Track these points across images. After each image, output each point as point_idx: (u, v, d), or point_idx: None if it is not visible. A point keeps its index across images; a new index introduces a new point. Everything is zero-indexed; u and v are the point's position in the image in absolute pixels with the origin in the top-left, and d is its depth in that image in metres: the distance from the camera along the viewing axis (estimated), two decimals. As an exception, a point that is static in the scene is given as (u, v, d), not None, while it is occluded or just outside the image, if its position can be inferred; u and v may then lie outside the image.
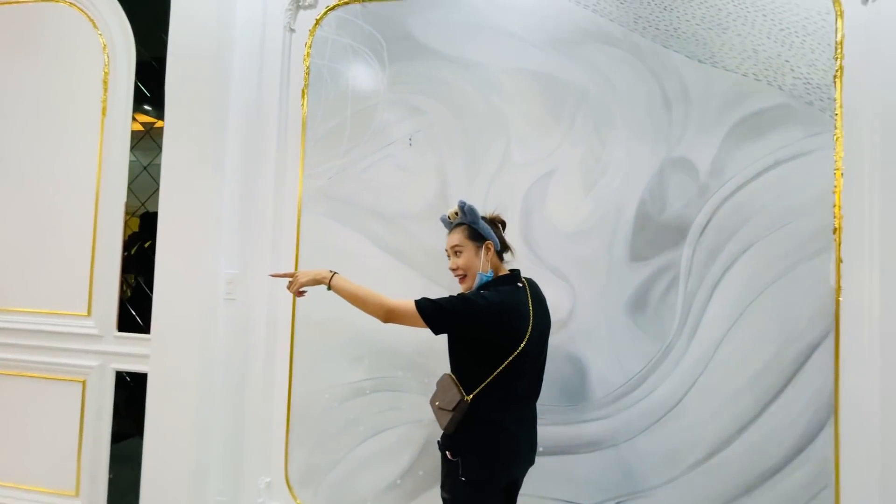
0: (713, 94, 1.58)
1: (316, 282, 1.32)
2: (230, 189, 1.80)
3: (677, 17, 1.62)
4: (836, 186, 1.51)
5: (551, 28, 1.69)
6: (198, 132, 1.73)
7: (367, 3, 1.80)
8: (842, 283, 1.50)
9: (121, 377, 1.90)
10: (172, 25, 1.75)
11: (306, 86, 1.84)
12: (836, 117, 1.52)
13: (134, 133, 1.94)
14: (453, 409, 1.19)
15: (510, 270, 1.32)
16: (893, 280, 1.45)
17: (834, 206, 1.51)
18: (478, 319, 1.18)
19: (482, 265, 1.27)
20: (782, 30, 1.56)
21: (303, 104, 1.84)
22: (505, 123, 1.70)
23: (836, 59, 1.52)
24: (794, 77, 1.55)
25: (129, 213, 1.93)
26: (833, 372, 1.49)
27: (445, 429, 1.22)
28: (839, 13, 1.52)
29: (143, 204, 1.93)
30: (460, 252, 1.29)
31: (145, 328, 1.85)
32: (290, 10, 1.84)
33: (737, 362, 1.54)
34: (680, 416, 1.56)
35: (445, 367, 1.71)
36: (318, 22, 1.84)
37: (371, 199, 1.78)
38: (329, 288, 1.30)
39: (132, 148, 1.93)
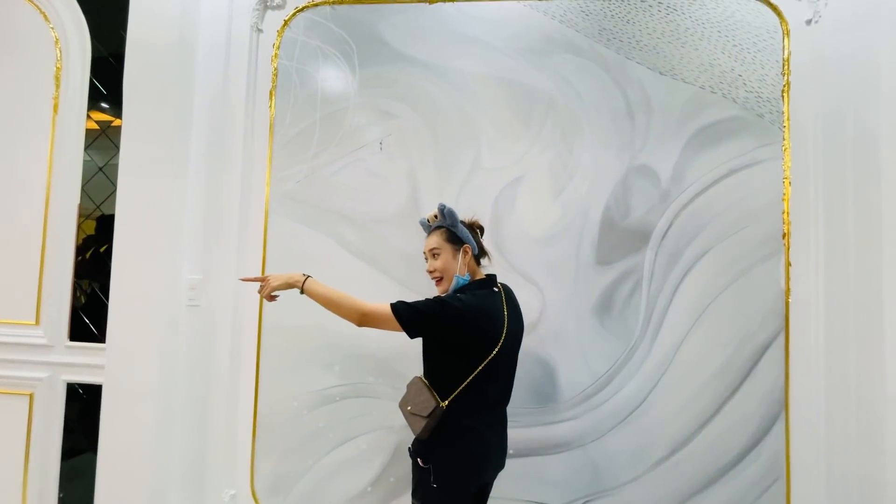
0: (673, 104, 1.66)
1: (288, 285, 1.30)
2: (193, 191, 1.74)
3: (639, 30, 1.68)
4: (784, 194, 1.61)
5: (520, 37, 1.72)
6: (158, 131, 1.66)
7: (336, 6, 1.79)
8: (791, 286, 1.59)
9: (72, 389, 1.79)
10: (131, 21, 1.67)
11: (274, 87, 1.81)
12: (784, 129, 1.62)
13: (89, 132, 1.85)
14: (428, 416, 1.18)
15: (486, 275, 1.33)
16: (836, 282, 1.56)
17: (783, 212, 1.61)
18: (454, 322, 1.19)
19: (459, 268, 1.28)
20: (735, 46, 1.65)
21: (270, 105, 1.81)
22: (475, 129, 1.72)
23: (784, 74, 1.62)
24: (746, 91, 1.64)
25: (83, 215, 1.83)
26: (783, 369, 1.58)
27: (419, 435, 1.21)
28: (786, 32, 1.62)
29: (98, 206, 1.84)
30: (438, 254, 1.29)
31: (100, 337, 1.76)
32: (258, 9, 1.80)
33: (697, 362, 1.61)
34: (644, 414, 1.61)
35: (417, 372, 1.71)
36: (286, 23, 1.81)
37: (341, 204, 1.76)
38: (302, 292, 1.28)
39: (87, 147, 1.84)
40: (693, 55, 1.66)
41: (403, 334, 1.20)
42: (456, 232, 1.30)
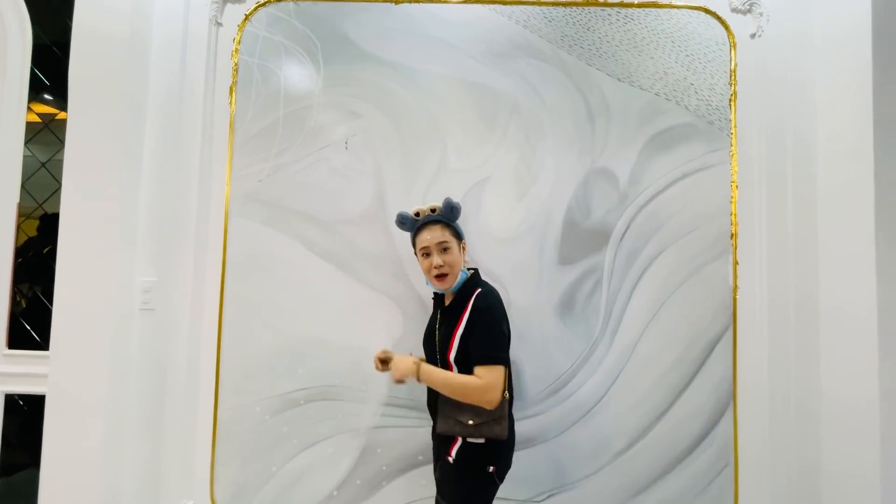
0: (631, 110, 1.73)
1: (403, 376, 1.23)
2: (147, 189, 1.66)
3: (599, 37, 1.74)
4: (732, 197, 1.71)
5: (486, 40, 1.75)
6: (108, 126, 1.57)
7: (300, 3, 1.75)
8: (738, 283, 1.69)
9: (11, 401, 1.67)
10: (78, 6, 1.58)
11: (234, 83, 1.75)
12: (731, 136, 1.71)
13: (30, 125, 1.73)
14: (502, 415, 1.21)
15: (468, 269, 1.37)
16: (778, 279, 1.67)
17: (731, 214, 1.70)
18: (508, 325, 1.28)
19: (461, 263, 1.31)
20: (687, 56, 1.73)
21: (231, 102, 1.75)
22: (441, 130, 1.73)
23: (731, 84, 1.73)
24: (697, 99, 1.73)
25: (23, 215, 1.71)
26: (732, 362, 1.68)
27: (500, 435, 1.20)
28: (733, 44, 1.73)
29: (40, 205, 1.73)
30: (448, 249, 1.28)
31: (43, 345, 1.65)
32: (217, 2, 1.74)
33: (653, 356, 1.68)
34: (604, 409, 1.67)
35: (378, 374, 1.70)
36: (247, 17, 1.76)
37: (305, 204, 1.73)
38: (419, 380, 1.23)
39: (27, 142, 1.72)
40: (649, 63, 1.74)
41: (368, 336, 1.23)
42: (457, 228, 1.32)
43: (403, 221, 1.33)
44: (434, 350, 1.32)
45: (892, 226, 1.44)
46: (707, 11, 1.74)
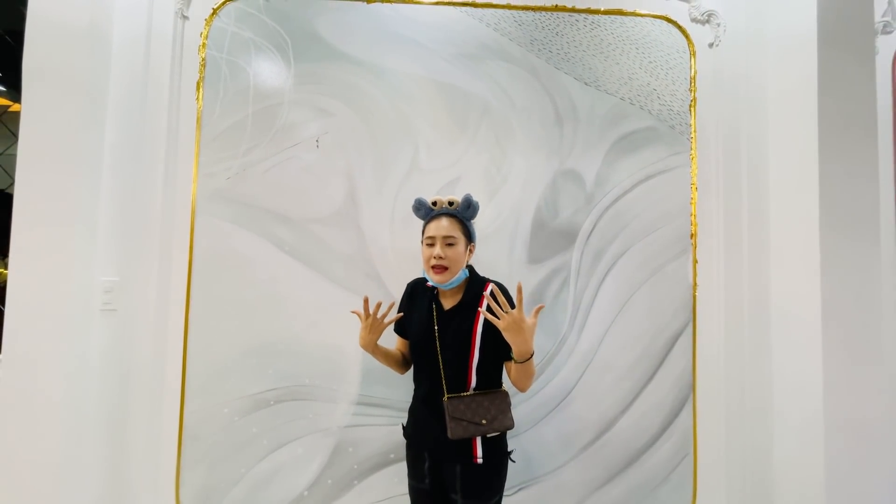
0: (597, 113, 1.78)
1: (527, 348, 1.18)
2: (109, 186, 1.61)
3: (567, 42, 1.79)
4: (692, 198, 1.78)
5: (457, 42, 1.77)
6: (66, 119, 1.51)
7: (270, -2, 1.73)
8: (697, 281, 1.77)
9: (-41, 407, 1.59)
10: (32, -3, 1.51)
11: (202, 78, 1.72)
12: (691, 140, 1.79)
13: (-20, 118, 1.65)
14: (506, 407, 1.29)
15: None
16: (733, 277, 1.75)
17: (691, 214, 1.78)
18: None
19: (464, 263, 1.31)
20: (651, 62, 1.80)
21: (198, 98, 1.71)
22: (413, 130, 1.74)
23: (691, 91, 1.80)
24: (660, 104, 1.80)
25: (-28, 211, 1.63)
26: (692, 356, 1.75)
27: (509, 426, 1.28)
28: (692, 53, 1.80)
29: (-9, 201, 1.65)
30: (453, 244, 1.28)
31: (-6, 347, 1.57)
32: (183, -5, 1.70)
33: (618, 352, 1.74)
34: (571, 403, 1.72)
35: (357, 371, 1.70)
36: (215, 11, 1.73)
37: (275, 202, 1.71)
38: (523, 361, 1.21)
39: (-23, 135, 1.64)
40: (615, 69, 1.80)
41: (339, 336, 1.31)
42: (469, 227, 1.33)
43: (419, 207, 1.34)
44: (434, 355, 1.28)
45: (836, 227, 1.54)
46: (669, 21, 1.81)
